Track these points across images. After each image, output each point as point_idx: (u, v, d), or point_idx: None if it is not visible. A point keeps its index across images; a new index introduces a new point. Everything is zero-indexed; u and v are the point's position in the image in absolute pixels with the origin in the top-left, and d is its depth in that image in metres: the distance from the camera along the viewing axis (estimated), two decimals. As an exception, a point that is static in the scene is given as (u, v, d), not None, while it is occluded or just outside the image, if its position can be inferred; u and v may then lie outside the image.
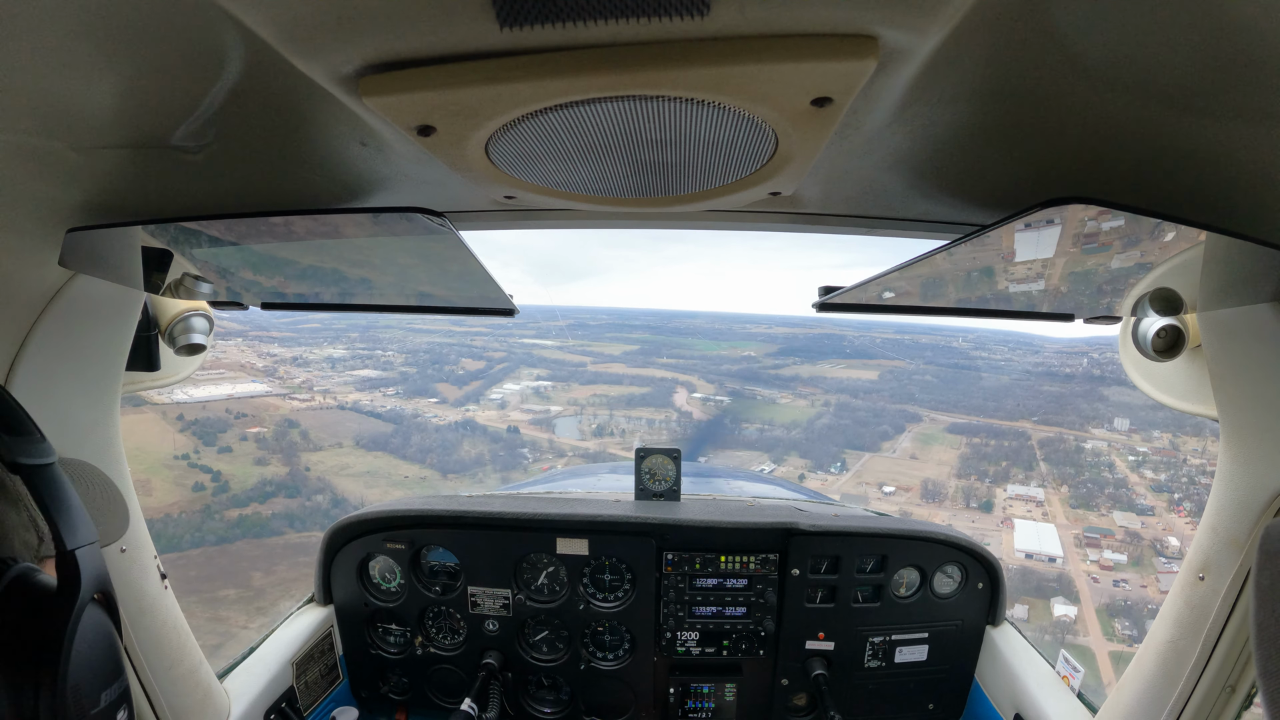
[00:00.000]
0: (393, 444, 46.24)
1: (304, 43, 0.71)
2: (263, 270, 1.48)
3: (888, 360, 59.15)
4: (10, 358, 1.30)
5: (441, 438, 50.73)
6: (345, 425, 47.72)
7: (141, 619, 1.67)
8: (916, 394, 52.42)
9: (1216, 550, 1.53)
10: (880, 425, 47.68)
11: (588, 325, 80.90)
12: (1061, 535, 30.03)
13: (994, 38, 0.74)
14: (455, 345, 65.48)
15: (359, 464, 43.27)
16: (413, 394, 56.67)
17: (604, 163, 1.03)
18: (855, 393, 55.70)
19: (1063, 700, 2.16)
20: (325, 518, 32.10)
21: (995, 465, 39.89)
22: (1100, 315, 1.63)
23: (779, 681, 2.63)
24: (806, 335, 69.61)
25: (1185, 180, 1.04)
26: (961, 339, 59.13)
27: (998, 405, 46.07)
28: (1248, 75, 0.75)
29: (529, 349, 68.55)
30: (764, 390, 60.23)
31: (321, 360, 57.29)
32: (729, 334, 76.01)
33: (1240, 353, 1.40)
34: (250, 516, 32.15)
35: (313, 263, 1.44)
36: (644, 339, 73.85)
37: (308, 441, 43.29)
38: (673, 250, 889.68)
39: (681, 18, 0.66)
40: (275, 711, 2.20)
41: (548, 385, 62.23)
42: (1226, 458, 1.51)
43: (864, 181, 1.27)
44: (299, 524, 31.60)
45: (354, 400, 52.62)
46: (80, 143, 0.96)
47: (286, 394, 49.34)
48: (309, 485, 37.58)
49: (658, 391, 61.80)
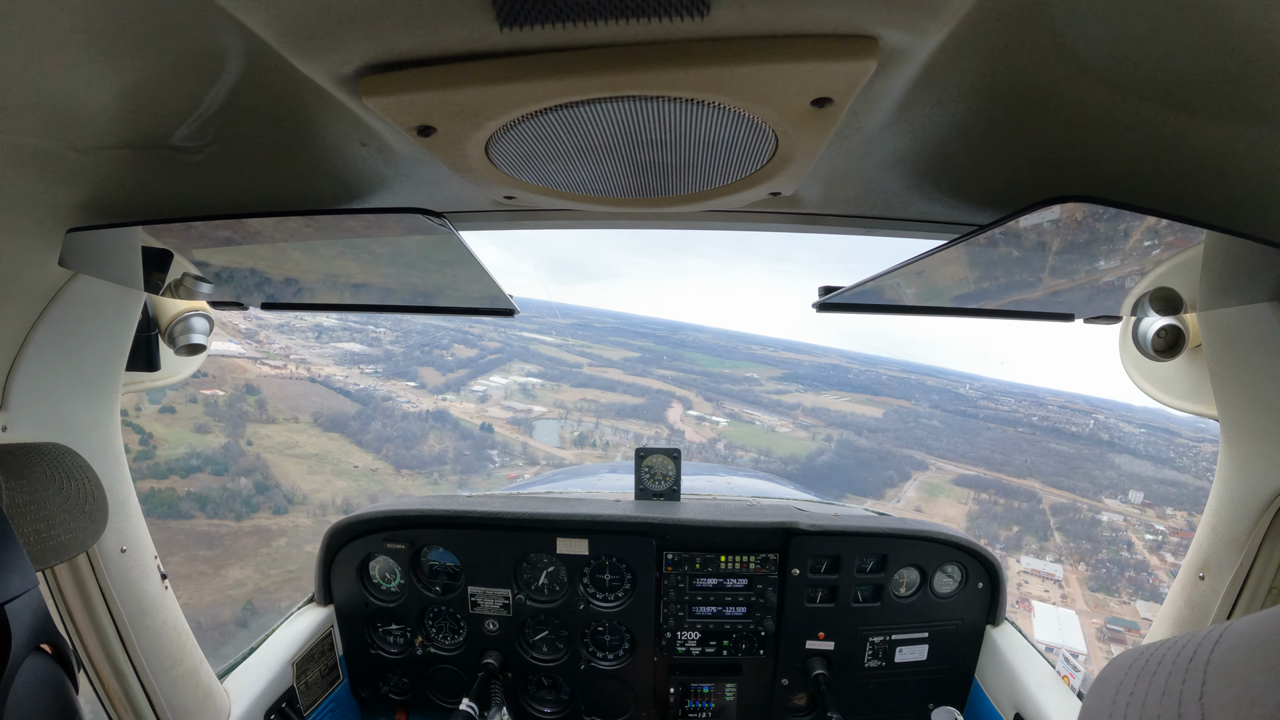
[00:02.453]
0: (351, 427, 43.29)
1: (304, 43, 0.71)
2: (263, 270, 1.48)
3: (894, 399, 56.55)
4: (10, 358, 1.30)
5: (405, 427, 47.82)
6: (310, 400, 44.82)
7: (142, 619, 1.68)
8: (924, 438, 49.85)
9: (1217, 550, 1.53)
10: (885, 470, 45.24)
11: (591, 327, 79.25)
12: (1083, 624, 28.25)
13: (994, 38, 0.74)
14: (452, 330, 63.37)
15: (309, 444, 40.03)
16: (392, 375, 53.96)
17: (604, 163, 1.03)
18: (859, 430, 53.09)
19: (1063, 700, 2.16)
20: (244, 505, 29.17)
21: (1007, 529, 37.46)
22: (1100, 315, 1.63)
23: (779, 681, 2.63)
24: (811, 363, 67.47)
25: (1185, 180, 1.04)
26: (969, 386, 56.74)
27: (1006, 459, 44.06)
28: (1248, 75, 0.75)
29: (527, 343, 66.37)
30: (764, 415, 57.84)
31: (309, 328, 54.44)
32: (733, 352, 73.76)
33: (1240, 352, 1.40)
34: (162, 492, 28.42)
35: (313, 263, 1.44)
36: (646, 347, 71.79)
37: (262, 412, 40.33)
38: (689, 262, 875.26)
39: (681, 18, 0.66)
40: (275, 712, 2.20)
41: (537, 383, 59.66)
42: (1226, 458, 1.51)
43: (864, 182, 1.27)
44: (212, 509, 28.28)
45: (328, 374, 49.57)
46: (80, 143, 0.96)
47: (259, 358, 46.40)
48: (240, 464, 33.84)
49: (652, 404, 59.45)
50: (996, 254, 1.21)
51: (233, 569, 26.48)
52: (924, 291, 1.59)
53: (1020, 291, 1.51)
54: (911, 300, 1.67)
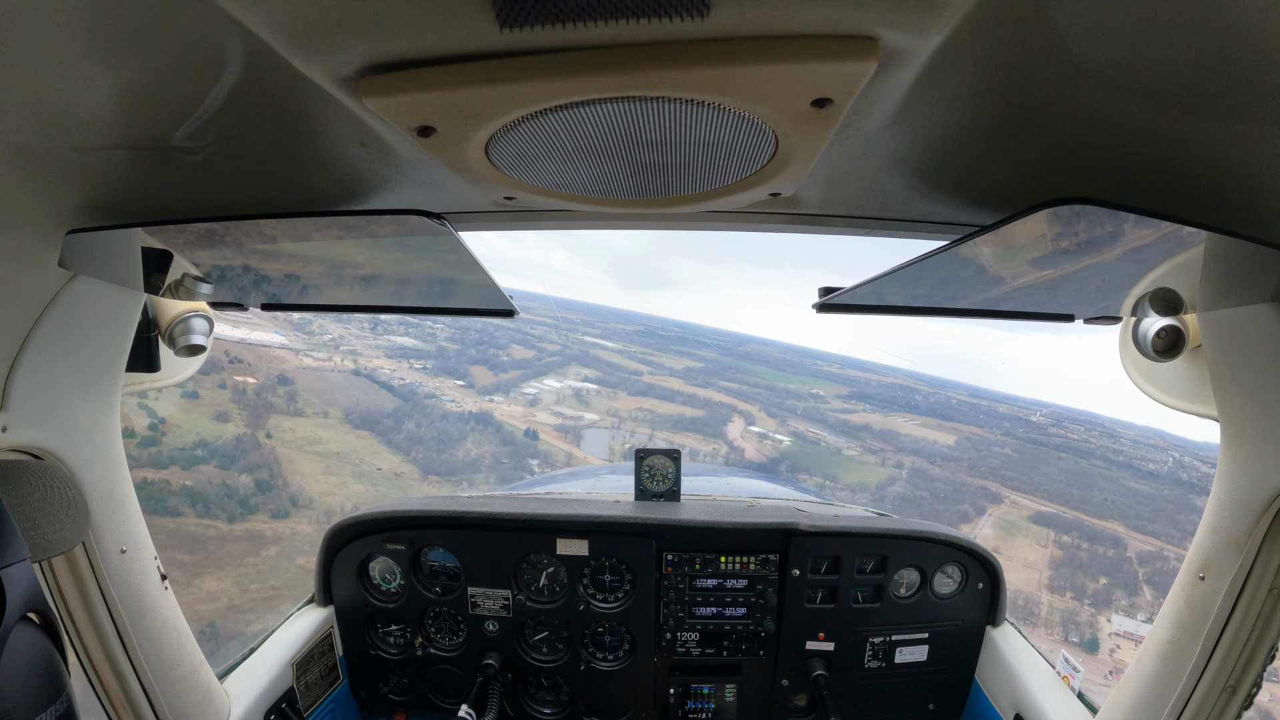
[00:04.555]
0: (383, 425, 40.33)
1: (304, 43, 0.70)
2: (263, 271, 1.48)
3: (965, 425, 52.32)
4: (10, 358, 1.30)
5: (443, 428, 45.11)
6: (347, 393, 42.12)
7: (141, 620, 1.67)
8: (997, 468, 45.58)
9: (1217, 550, 1.53)
10: (960, 504, 40.58)
11: (656, 334, 74.79)
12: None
13: (994, 38, 0.74)
14: (512, 330, 59.40)
15: (333, 441, 37.18)
16: (441, 372, 51.20)
17: (604, 164, 1.03)
18: (932, 458, 48.77)
19: (1063, 700, 2.16)
20: (241, 506, 26.27)
21: (1093, 581, 33.38)
22: (1100, 315, 1.63)
23: (779, 682, 2.63)
24: (879, 383, 63.88)
25: (1185, 180, 1.04)
26: (1039, 413, 52.67)
27: (1085, 496, 39.93)
28: (1248, 76, 0.75)
29: (588, 347, 63.28)
30: (830, 436, 54.03)
31: (366, 317, 49.99)
32: (799, 367, 69.98)
33: (1240, 353, 1.40)
34: (156, 483, 26.04)
35: (313, 263, 1.44)
36: (710, 358, 68.48)
37: (291, 404, 37.49)
38: (757, 273, 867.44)
39: (681, 18, 0.66)
40: (275, 712, 2.20)
41: (592, 389, 56.41)
42: (1226, 458, 1.51)
43: (864, 182, 1.27)
44: (203, 508, 25.41)
45: (375, 367, 46.84)
46: (80, 143, 0.96)
47: (302, 350, 43.98)
48: (250, 458, 30.93)
49: (711, 417, 55.71)
50: (997, 255, 1.21)
51: (209, 579, 23.75)
52: (924, 292, 1.58)
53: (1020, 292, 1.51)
54: (911, 300, 1.67)
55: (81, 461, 1.48)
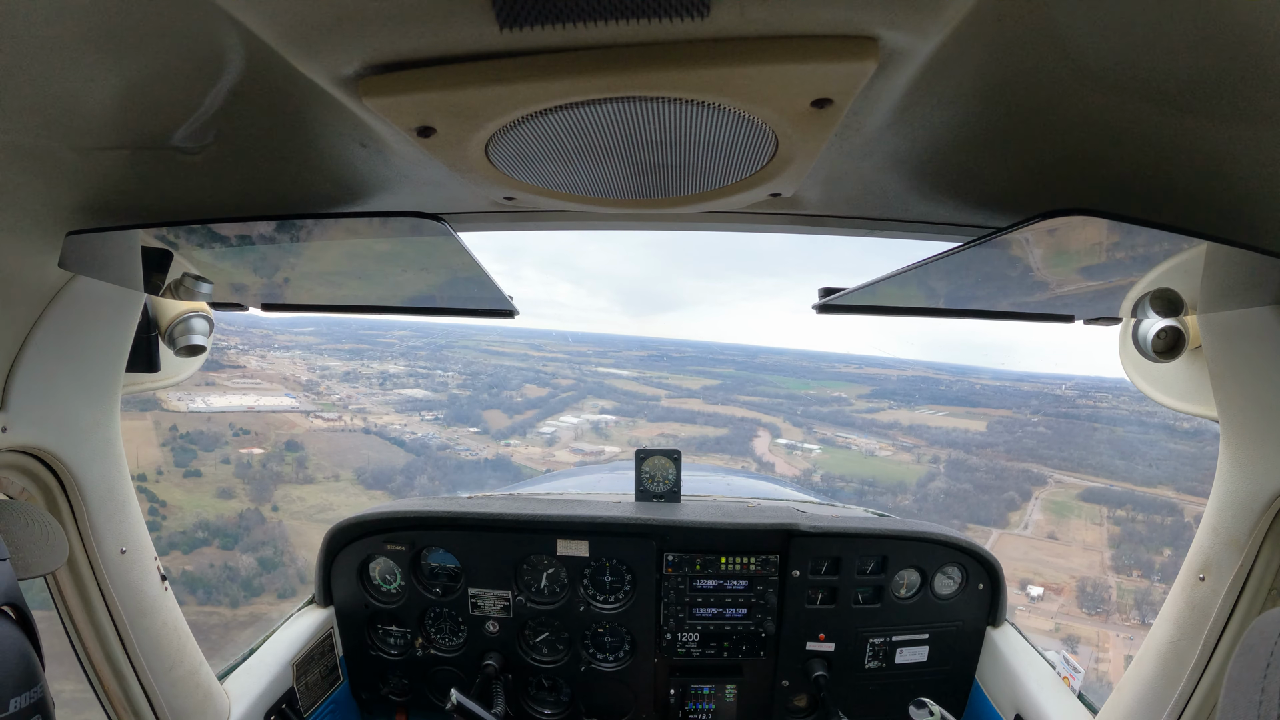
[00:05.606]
0: (395, 483, 39.03)
1: (304, 44, 0.70)
2: (262, 271, 1.48)
3: (993, 409, 49.86)
4: (10, 359, 1.30)
5: (458, 479, 43.99)
6: (359, 453, 41.23)
7: (141, 620, 1.67)
8: (1034, 448, 43.01)
9: (1217, 551, 1.53)
10: (1004, 491, 38.15)
11: (670, 357, 73.02)
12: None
13: (994, 39, 0.74)
14: (524, 369, 58.87)
15: (345, 505, 34.71)
16: (454, 420, 50.09)
17: (604, 164, 1.03)
18: (967, 447, 46.09)
19: (1063, 701, 2.16)
20: (244, 589, 25.17)
21: (1157, 554, 30.56)
22: (1100, 316, 1.64)
23: (779, 683, 2.63)
24: (899, 377, 61.79)
25: (1185, 182, 1.04)
26: (1064, 386, 50.14)
27: (1128, 466, 37.45)
28: (1248, 78, 0.75)
29: (602, 378, 62.06)
30: (860, 439, 51.42)
31: (374, 375, 51.12)
32: (817, 372, 67.20)
33: (1240, 354, 1.40)
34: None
35: (312, 264, 1.44)
36: (727, 374, 66.63)
37: (300, 471, 36.13)
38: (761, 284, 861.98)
39: (681, 19, 0.65)
40: (275, 712, 2.20)
41: (610, 420, 54.79)
42: (1226, 458, 1.51)
43: (864, 183, 1.27)
44: (204, 594, 24.22)
45: (385, 423, 45.68)
46: (80, 143, 0.96)
47: (312, 411, 43.17)
48: (253, 535, 29.63)
49: (736, 434, 53.45)
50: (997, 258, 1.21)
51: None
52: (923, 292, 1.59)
53: (1020, 293, 1.51)
54: (911, 301, 1.67)
55: (81, 461, 1.48)
